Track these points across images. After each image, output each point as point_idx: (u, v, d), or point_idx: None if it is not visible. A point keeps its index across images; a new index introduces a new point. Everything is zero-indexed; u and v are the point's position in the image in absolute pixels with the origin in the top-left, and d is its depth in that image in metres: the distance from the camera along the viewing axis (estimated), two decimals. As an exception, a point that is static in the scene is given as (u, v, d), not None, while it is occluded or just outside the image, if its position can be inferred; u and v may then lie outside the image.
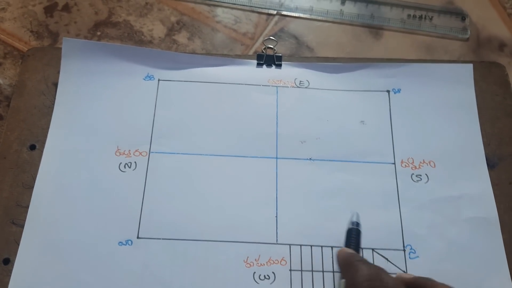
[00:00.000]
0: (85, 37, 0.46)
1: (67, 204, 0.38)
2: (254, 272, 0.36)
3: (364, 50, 0.47)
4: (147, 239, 0.37)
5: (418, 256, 0.37)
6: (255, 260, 0.36)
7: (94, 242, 0.37)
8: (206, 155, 0.40)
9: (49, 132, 0.40)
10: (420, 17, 0.48)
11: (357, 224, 0.37)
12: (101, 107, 0.41)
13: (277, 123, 0.41)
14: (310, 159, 0.40)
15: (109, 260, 0.36)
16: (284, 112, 0.42)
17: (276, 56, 0.44)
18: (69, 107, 0.41)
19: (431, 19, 0.48)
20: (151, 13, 0.48)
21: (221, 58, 0.44)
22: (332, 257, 0.37)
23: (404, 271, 0.36)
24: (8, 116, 0.41)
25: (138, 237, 0.37)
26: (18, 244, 0.36)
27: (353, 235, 0.37)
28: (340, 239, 0.37)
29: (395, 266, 0.37)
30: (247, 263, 0.36)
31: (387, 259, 0.37)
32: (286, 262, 0.36)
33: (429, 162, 0.40)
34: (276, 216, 0.38)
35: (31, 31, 0.46)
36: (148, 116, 0.41)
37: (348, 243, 0.36)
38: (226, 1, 0.48)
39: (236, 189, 0.39)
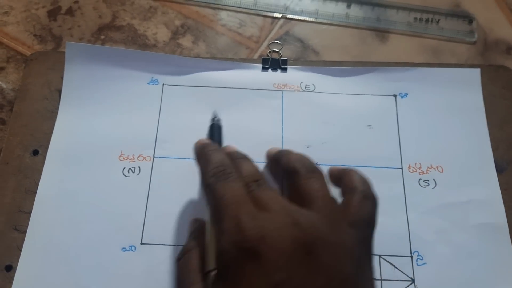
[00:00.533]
0: (89, 41, 0.46)
1: (70, 209, 0.37)
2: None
3: (370, 53, 0.46)
4: (151, 245, 0.36)
5: (425, 263, 0.36)
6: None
7: (97, 248, 0.36)
8: (210, 160, 0.39)
9: (52, 137, 0.40)
10: (427, 20, 0.47)
11: (218, 120, 0.38)
12: (104, 112, 0.41)
13: (282, 127, 0.41)
14: (316, 164, 0.40)
15: (112, 266, 0.36)
16: (289, 116, 0.41)
17: (281, 60, 0.44)
18: (73, 112, 0.41)
19: (437, 22, 0.47)
20: (155, 16, 0.47)
21: (226, 62, 0.43)
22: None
23: (411, 278, 0.36)
24: (10, 121, 0.41)
25: (141, 243, 0.36)
26: (20, 251, 0.36)
27: (215, 130, 0.37)
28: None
29: (403, 273, 0.36)
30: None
31: (394, 265, 0.36)
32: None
33: (437, 167, 0.40)
34: (282, 222, 0.37)
35: (34, 35, 0.46)
36: (152, 120, 0.41)
37: (210, 138, 0.36)
38: (231, 5, 0.48)
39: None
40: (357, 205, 0.29)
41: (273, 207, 0.27)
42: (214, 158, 0.31)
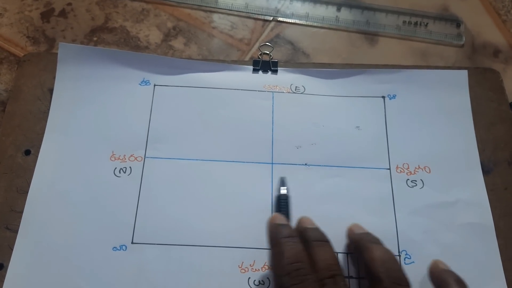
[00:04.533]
0: (82, 43, 0.46)
1: (61, 209, 0.38)
2: (249, 278, 0.36)
3: (360, 56, 0.47)
4: (142, 244, 0.37)
5: (413, 262, 0.37)
6: (250, 265, 0.36)
7: (89, 247, 0.36)
8: (201, 160, 0.40)
9: (44, 138, 0.40)
10: (416, 23, 0.48)
11: (286, 189, 0.38)
12: (96, 112, 0.41)
13: (272, 128, 0.41)
14: (305, 164, 0.40)
15: (104, 265, 0.36)
16: (279, 117, 0.42)
17: (272, 62, 0.44)
18: (65, 112, 0.41)
19: (426, 25, 0.48)
20: (147, 18, 0.48)
21: (217, 64, 0.44)
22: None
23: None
24: (3, 121, 0.41)
25: (132, 242, 0.37)
26: (12, 249, 0.36)
27: (282, 202, 0.37)
28: (336, 244, 0.37)
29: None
30: (242, 269, 0.36)
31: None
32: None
33: (424, 168, 0.40)
34: (272, 222, 0.38)
35: (28, 37, 0.46)
36: (143, 121, 0.41)
37: (278, 210, 0.37)
38: (223, 7, 0.48)
39: (231, 194, 0.39)
40: None
41: None
42: (290, 251, 0.30)
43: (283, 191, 0.38)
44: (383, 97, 0.43)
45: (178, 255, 0.36)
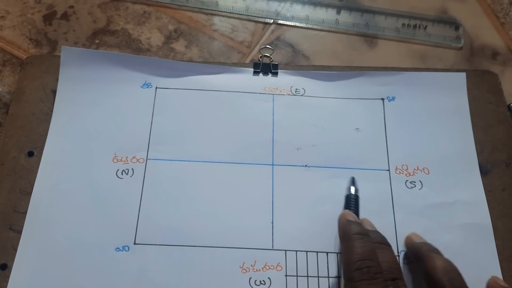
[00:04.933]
0: (84, 45, 0.47)
1: (64, 210, 0.38)
2: (250, 278, 0.36)
3: (359, 58, 0.47)
4: (144, 245, 0.37)
5: (412, 262, 0.37)
6: (251, 265, 0.37)
7: (92, 248, 0.37)
8: (202, 161, 0.40)
9: (47, 139, 0.41)
10: (415, 26, 0.49)
11: (356, 189, 0.39)
12: (99, 114, 0.42)
13: (273, 130, 0.42)
14: (305, 165, 0.41)
15: (106, 265, 0.36)
16: (280, 119, 0.42)
17: (272, 64, 0.45)
18: (67, 114, 0.42)
19: (425, 28, 0.49)
20: (149, 21, 0.48)
21: (218, 66, 0.44)
22: (327, 263, 0.37)
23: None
24: (6, 123, 0.42)
25: (135, 243, 0.37)
26: (16, 250, 0.36)
27: (352, 201, 0.39)
28: (336, 245, 0.37)
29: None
30: (243, 269, 0.36)
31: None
32: (281, 268, 0.37)
33: (423, 169, 0.41)
34: (272, 222, 0.38)
35: (30, 39, 0.47)
36: (145, 123, 0.42)
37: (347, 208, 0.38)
38: (223, 10, 0.49)
39: (232, 195, 0.39)
40: None
41: None
42: (361, 249, 0.31)
43: (353, 190, 0.39)
44: (382, 99, 0.44)
45: (180, 255, 0.37)
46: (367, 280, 0.30)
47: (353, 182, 0.40)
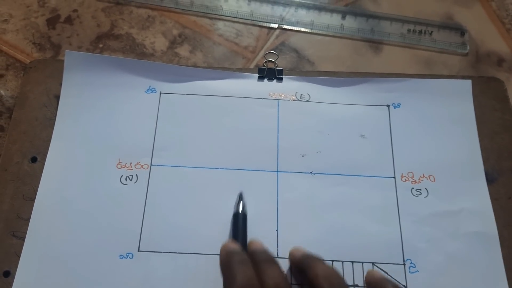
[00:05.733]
0: (87, 50, 0.46)
1: (68, 216, 0.38)
2: (255, 286, 0.36)
3: (364, 64, 0.47)
4: (148, 252, 0.37)
5: (418, 271, 0.37)
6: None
7: (95, 255, 0.37)
8: (207, 168, 0.40)
9: (50, 145, 0.40)
10: (420, 32, 0.48)
11: (243, 206, 0.37)
12: (102, 120, 0.41)
13: (278, 136, 0.42)
14: (311, 172, 0.40)
15: (110, 273, 0.36)
16: (285, 125, 0.42)
17: (277, 69, 0.45)
18: (71, 119, 0.41)
19: (430, 34, 0.48)
20: (153, 26, 0.48)
21: (223, 72, 0.44)
22: (333, 271, 0.37)
23: (404, 286, 0.36)
24: (9, 128, 0.41)
25: (139, 250, 0.37)
26: (19, 257, 0.36)
27: (240, 221, 0.37)
28: (341, 253, 0.37)
29: (395, 280, 0.37)
30: (248, 277, 0.36)
31: (387, 273, 0.37)
32: (286, 276, 0.36)
33: (429, 177, 0.41)
34: (277, 230, 0.38)
35: (34, 43, 0.47)
36: (149, 128, 0.41)
37: (235, 233, 0.36)
38: (228, 15, 0.49)
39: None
40: None
41: None
42: (241, 277, 0.30)
43: (241, 208, 0.37)
44: (388, 105, 0.43)
45: (184, 263, 0.36)
46: None
47: (240, 197, 0.38)
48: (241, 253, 0.33)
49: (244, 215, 0.37)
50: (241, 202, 0.38)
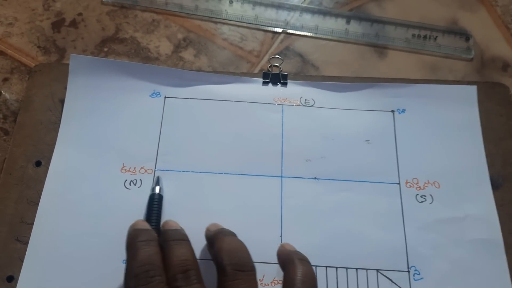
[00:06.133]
0: (92, 53, 0.46)
1: (72, 221, 0.38)
2: (259, 292, 0.36)
3: (369, 69, 0.47)
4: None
5: (422, 278, 0.37)
6: (260, 280, 0.36)
7: (98, 259, 0.37)
8: (211, 173, 0.40)
9: (55, 149, 0.40)
10: (425, 37, 0.48)
11: (160, 188, 0.38)
12: (107, 124, 0.42)
13: (282, 141, 0.42)
14: (315, 178, 0.40)
15: (113, 277, 0.36)
16: (289, 130, 0.42)
17: (281, 74, 0.45)
18: (76, 123, 0.41)
19: (435, 39, 0.48)
20: (157, 29, 0.48)
21: (227, 76, 0.44)
22: (337, 278, 0.37)
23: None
24: (14, 131, 0.41)
25: (142, 255, 0.37)
26: (22, 261, 0.36)
27: (155, 202, 0.37)
28: (345, 260, 0.37)
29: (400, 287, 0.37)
30: (252, 283, 0.36)
31: (391, 280, 0.37)
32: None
33: (434, 183, 0.40)
34: (281, 236, 0.38)
35: (38, 47, 0.47)
36: (154, 133, 0.41)
37: (149, 214, 0.37)
38: (233, 19, 0.49)
39: (240, 207, 0.39)
40: None
41: None
42: (142, 254, 0.30)
43: (157, 190, 0.38)
44: (393, 111, 0.43)
45: (188, 269, 0.36)
46: (142, 286, 0.28)
47: (158, 181, 0.39)
48: (148, 232, 0.32)
49: (160, 197, 0.38)
50: (158, 185, 0.38)
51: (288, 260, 0.32)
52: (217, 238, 0.33)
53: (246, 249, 0.32)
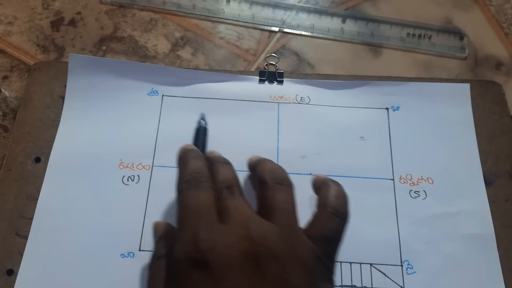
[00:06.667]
0: (91, 52, 0.47)
1: (70, 216, 0.38)
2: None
3: (364, 67, 0.48)
4: (149, 251, 0.37)
5: (415, 272, 0.37)
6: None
7: (97, 254, 0.37)
8: (208, 169, 0.41)
9: (53, 145, 0.41)
10: (419, 35, 0.49)
11: (205, 122, 0.40)
12: (105, 121, 0.42)
13: (278, 138, 0.42)
14: (310, 174, 0.41)
15: (111, 272, 0.36)
16: (285, 127, 0.43)
17: (278, 72, 0.45)
18: (74, 121, 0.42)
19: (430, 38, 0.49)
20: (155, 28, 0.49)
21: (224, 74, 0.45)
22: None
23: (401, 287, 0.37)
24: (13, 128, 0.42)
25: (140, 250, 0.37)
26: (22, 255, 0.37)
27: (201, 133, 0.39)
28: (343, 254, 0.37)
29: (393, 281, 0.37)
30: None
31: (384, 274, 0.37)
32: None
33: (427, 179, 0.41)
34: (277, 230, 0.38)
35: (38, 45, 0.47)
36: (151, 130, 0.42)
37: (195, 142, 0.38)
38: (230, 18, 0.49)
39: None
40: (324, 221, 0.30)
41: (234, 218, 0.28)
42: (192, 165, 0.32)
43: (202, 123, 0.40)
44: (387, 108, 0.44)
45: (185, 263, 0.37)
46: (192, 188, 0.30)
47: (202, 116, 0.40)
48: (197, 151, 0.35)
49: (204, 129, 0.39)
50: (202, 119, 0.40)
51: (322, 183, 0.34)
52: (259, 162, 0.34)
53: (285, 171, 0.33)
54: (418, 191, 0.41)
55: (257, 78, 0.45)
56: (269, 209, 0.30)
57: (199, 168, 0.32)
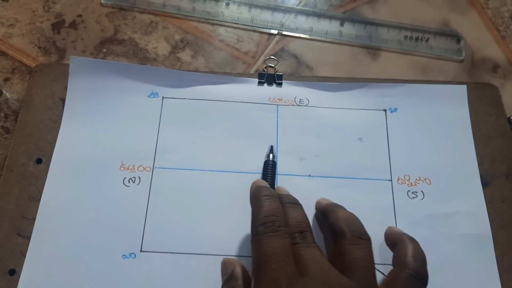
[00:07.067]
0: (91, 54, 0.47)
1: (72, 217, 0.39)
2: (254, 286, 0.37)
3: (362, 70, 0.48)
4: (150, 252, 0.38)
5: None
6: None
7: (99, 255, 0.37)
8: (208, 170, 0.41)
9: (55, 146, 0.41)
10: (417, 38, 0.49)
11: (273, 156, 0.41)
12: (106, 123, 0.42)
13: (277, 140, 0.43)
14: (309, 175, 0.41)
15: (113, 272, 0.37)
16: (284, 129, 0.43)
17: (277, 75, 0.46)
18: (76, 122, 0.42)
19: (427, 40, 0.49)
20: (155, 31, 0.49)
21: (224, 77, 0.45)
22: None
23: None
24: (15, 130, 0.42)
25: (141, 251, 0.38)
26: (24, 256, 0.37)
27: (269, 167, 0.40)
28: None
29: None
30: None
31: (383, 274, 0.38)
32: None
33: (425, 180, 0.41)
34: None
35: (39, 47, 0.48)
36: (152, 132, 0.42)
37: (264, 175, 0.40)
38: (229, 21, 0.50)
39: (237, 204, 0.39)
40: (403, 282, 0.30)
41: (313, 270, 0.29)
42: (267, 206, 0.32)
43: (271, 157, 0.41)
44: (385, 110, 0.44)
45: (186, 263, 0.37)
46: (270, 233, 0.30)
47: (271, 149, 0.42)
48: (269, 189, 0.35)
49: (273, 163, 0.41)
50: (271, 153, 0.41)
51: (398, 239, 0.34)
52: (330, 209, 0.35)
53: (360, 221, 0.34)
54: (416, 192, 0.41)
55: (256, 80, 0.45)
56: (348, 265, 0.30)
57: (274, 210, 0.32)
